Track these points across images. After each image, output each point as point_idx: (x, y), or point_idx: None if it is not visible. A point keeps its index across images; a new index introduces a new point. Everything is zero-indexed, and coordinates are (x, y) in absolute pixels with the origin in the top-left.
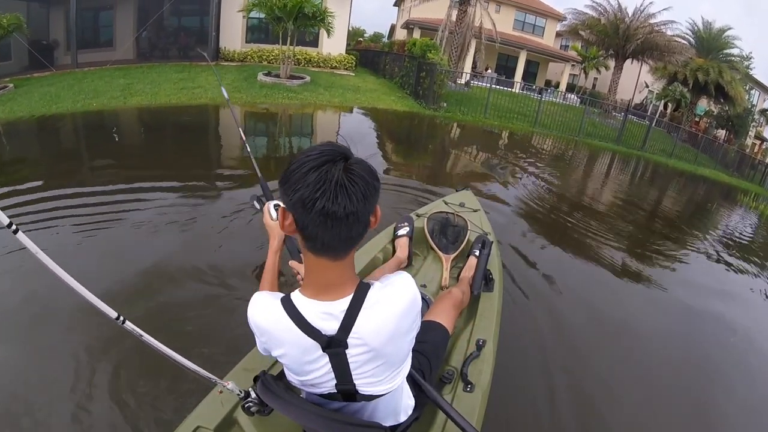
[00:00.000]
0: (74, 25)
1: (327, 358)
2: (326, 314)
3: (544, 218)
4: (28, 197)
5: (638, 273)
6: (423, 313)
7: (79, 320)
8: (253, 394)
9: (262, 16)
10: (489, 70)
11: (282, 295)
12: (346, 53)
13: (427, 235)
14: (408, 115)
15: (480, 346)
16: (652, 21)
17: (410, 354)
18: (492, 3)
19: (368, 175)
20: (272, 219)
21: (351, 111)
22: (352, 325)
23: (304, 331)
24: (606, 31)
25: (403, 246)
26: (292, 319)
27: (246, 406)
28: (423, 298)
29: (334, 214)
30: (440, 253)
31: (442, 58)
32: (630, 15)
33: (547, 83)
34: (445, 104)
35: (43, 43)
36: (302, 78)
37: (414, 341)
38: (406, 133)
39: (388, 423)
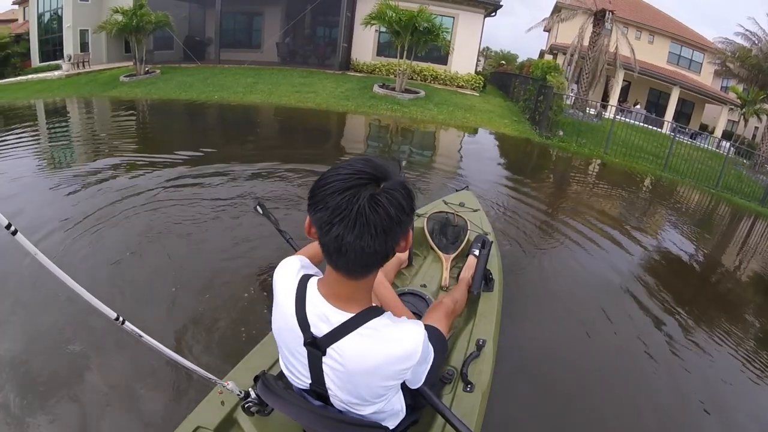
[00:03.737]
0: (219, 26)
1: (306, 353)
2: (324, 317)
3: (668, 273)
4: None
5: None
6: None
7: (79, 320)
8: (253, 394)
9: None
10: (638, 106)
11: (306, 272)
12: (475, 73)
13: (427, 235)
14: (515, 140)
15: (480, 346)
16: None
17: (384, 399)
18: (644, 32)
19: (395, 207)
20: None
21: (451, 128)
22: (338, 339)
23: (297, 317)
24: (759, 64)
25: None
26: (296, 300)
27: (246, 406)
28: (423, 298)
29: (348, 244)
30: (440, 253)
31: (561, 81)
32: None
33: (702, 128)
34: (561, 133)
35: (197, 39)
36: (416, 92)
37: (394, 391)
38: (504, 157)
39: (384, 423)
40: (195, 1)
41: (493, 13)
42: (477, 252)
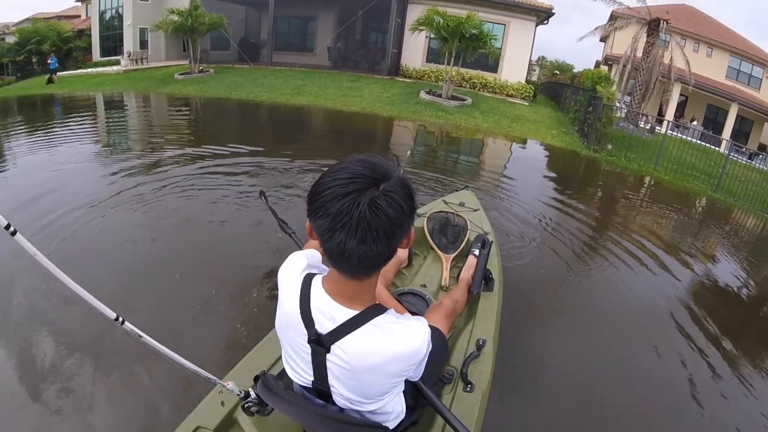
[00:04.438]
0: (272, 29)
1: (310, 350)
2: (329, 314)
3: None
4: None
5: None
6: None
7: (79, 320)
8: (253, 394)
9: None
10: (695, 122)
11: (311, 270)
12: (525, 82)
13: (427, 234)
14: (561, 152)
15: (480, 346)
16: None
17: (387, 396)
18: (703, 45)
19: (395, 210)
20: None
21: (494, 137)
22: (343, 336)
23: (302, 314)
24: None
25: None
26: (300, 297)
27: (246, 406)
28: (423, 298)
29: (351, 249)
30: (440, 252)
31: (611, 92)
32: None
33: (761, 147)
34: (609, 146)
35: (251, 41)
36: (462, 100)
37: (398, 387)
38: (549, 169)
39: (385, 424)
40: (251, 4)
41: (546, 21)
42: (477, 252)
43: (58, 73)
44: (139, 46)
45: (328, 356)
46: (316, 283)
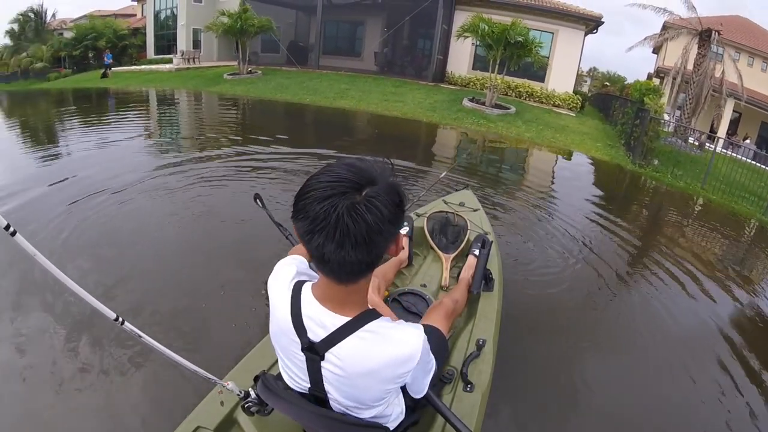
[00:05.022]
0: (320, 33)
1: (305, 358)
2: (320, 321)
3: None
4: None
5: None
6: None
7: (78, 320)
8: (253, 394)
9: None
10: (748, 140)
11: (301, 278)
12: (573, 92)
13: (427, 234)
14: (605, 165)
15: (480, 346)
16: None
17: (384, 403)
18: (758, 59)
19: (376, 217)
20: None
21: (535, 147)
22: (336, 343)
23: (293, 323)
24: None
25: (403, 246)
26: (291, 305)
27: (246, 406)
28: (423, 298)
29: (329, 253)
30: (440, 252)
31: (659, 105)
32: None
33: None
34: (656, 161)
35: (300, 45)
36: (506, 108)
37: (394, 395)
38: (590, 182)
39: (385, 425)
40: (301, 8)
41: (595, 30)
42: (477, 252)
43: (112, 69)
44: (192, 46)
45: (322, 363)
46: (306, 291)
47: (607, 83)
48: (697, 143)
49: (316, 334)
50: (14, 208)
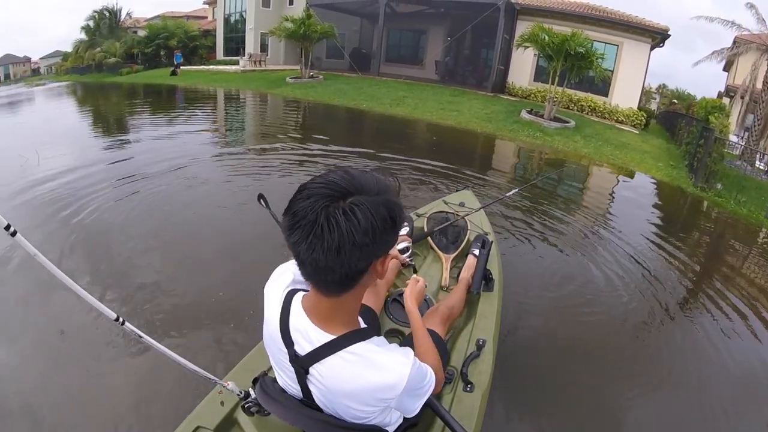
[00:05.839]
0: (381, 40)
1: (293, 369)
2: (306, 334)
3: None
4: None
5: None
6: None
7: (78, 320)
8: (253, 394)
9: None
10: None
11: (295, 285)
12: (638, 109)
13: None
14: (665, 187)
15: (480, 346)
16: None
17: (367, 421)
18: None
19: (351, 225)
20: None
21: (593, 164)
22: (320, 360)
23: (282, 333)
24: None
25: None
26: (281, 315)
27: (246, 406)
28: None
29: (303, 253)
30: (440, 252)
31: (725, 124)
32: None
33: None
34: (719, 185)
35: (363, 52)
36: (566, 122)
37: (374, 417)
38: (647, 203)
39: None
40: (365, 16)
41: (661, 44)
42: (477, 252)
43: (181, 68)
44: (260, 49)
45: (308, 377)
46: (296, 301)
47: (675, 101)
48: (764, 168)
49: (302, 347)
50: (73, 180)
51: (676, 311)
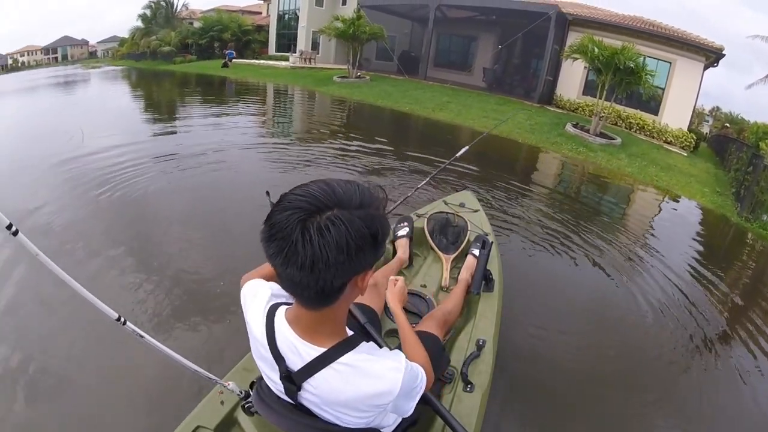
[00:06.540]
0: (430, 45)
1: (283, 386)
2: (295, 350)
3: None
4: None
5: None
6: None
7: (78, 320)
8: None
9: None
10: None
11: (277, 299)
12: (688, 130)
13: (427, 235)
14: (709, 214)
15: (480, 346)
16: None
17: (365, 424)
18: None
19: (324, 241)
20: None
21: (635, 184)
22: (312, 374)
23: (272, 352)
24: None
25: (403, 247)
26: (266, 332)
27: (246, 406)
28: (423, 298)
29: (278, 266)
30: (440, 253)
31: None
32: None
33: None
34: (765, 217)
35: (412, 55)
36: (612, 138)
37: (371, 421)
38: (688, 230)
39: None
40: (416, 19)
41: (716, 64)
42: (477, 252)
43: (233, 60)
44: (311, 47)
45: (300, 393)
46: (280, 316)
47: (728, 124)
48: None
49: (294, 362)
50: (112, 161)
51: (713, 347)
